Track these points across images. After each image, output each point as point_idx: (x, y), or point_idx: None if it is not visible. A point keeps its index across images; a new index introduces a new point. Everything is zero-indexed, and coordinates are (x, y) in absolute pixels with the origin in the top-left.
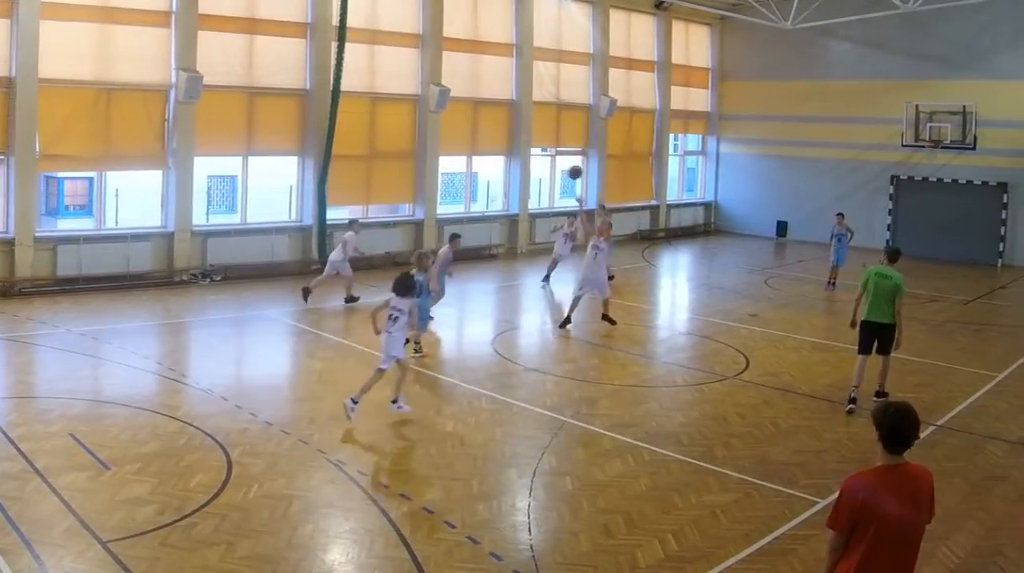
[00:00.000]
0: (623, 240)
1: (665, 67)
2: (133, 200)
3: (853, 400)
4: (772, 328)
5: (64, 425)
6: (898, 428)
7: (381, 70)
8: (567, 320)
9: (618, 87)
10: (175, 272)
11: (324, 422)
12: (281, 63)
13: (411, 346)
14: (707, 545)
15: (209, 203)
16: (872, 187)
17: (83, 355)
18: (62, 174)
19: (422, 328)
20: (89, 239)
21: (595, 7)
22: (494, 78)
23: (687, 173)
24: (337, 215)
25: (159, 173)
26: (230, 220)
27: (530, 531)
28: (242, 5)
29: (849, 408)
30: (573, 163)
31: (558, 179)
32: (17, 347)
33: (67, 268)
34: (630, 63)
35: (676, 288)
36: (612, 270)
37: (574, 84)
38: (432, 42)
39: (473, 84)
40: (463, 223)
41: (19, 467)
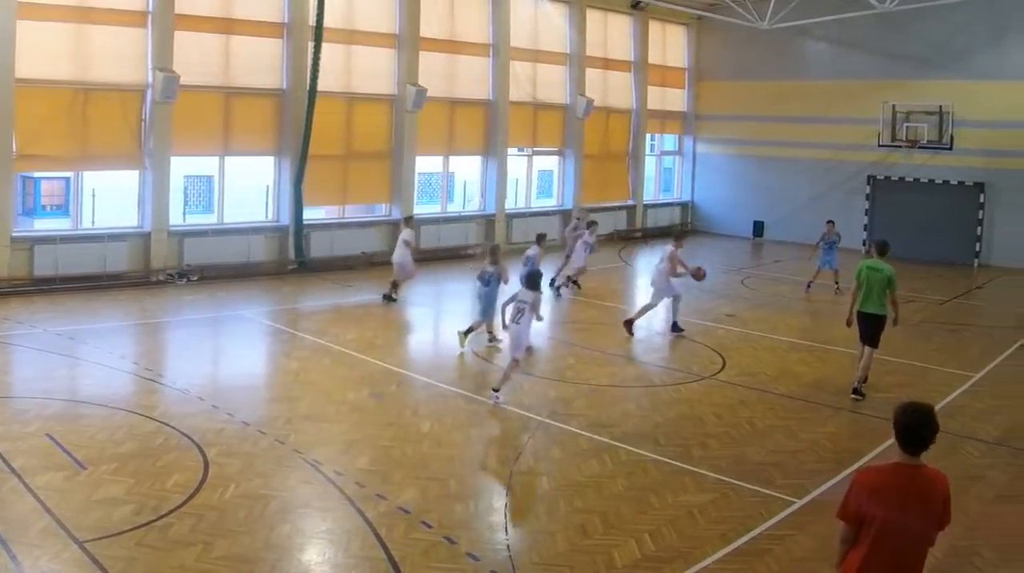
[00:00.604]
0: (600, 240)
1: (642, 67)
2: (110, 200)
3: (858, 392)
4: (749, 328)
5: (41, 425)
6: (912, 428)
7: (358, 70)
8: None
9: (595, 87)
10: (152, 272)
11: (300, 422)
12: (258, 63)
13: (469, 335)
14: (684, 545)
15: (186, 203)
16: (849, 187)
17: (60, 355)
18: (39, 174)
19: (484, 317)
20: (66, 239)
21: (572, 7)
22: (471, 78)
23: (664, 173)
24: (313, 215)
25: (136, 173)
26: (207, 220)
27: (507, 531)
28: (218, 5)
29: (854, 397)
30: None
31: (535, 179)
32: None
33: (44, 268)
34: (607, 63)
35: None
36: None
37: (551, 84)
38: (409, 42)
39: (450, 84)
40: (439, 223)
41: None
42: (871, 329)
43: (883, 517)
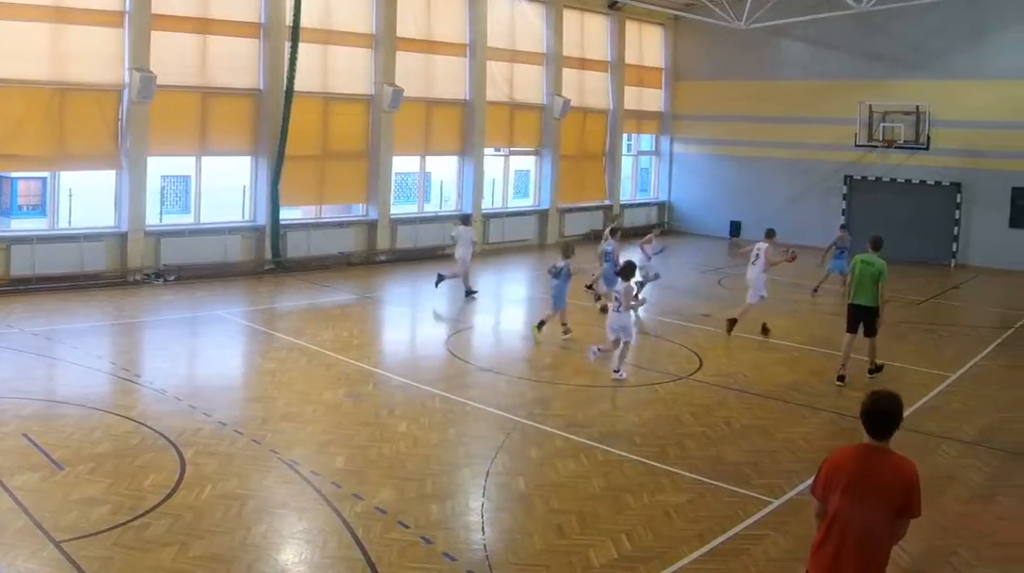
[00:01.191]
0: (576, 240)
1: (618, 67)
2: (87, 200)
3: (841, 378)
4: (725, 328)
5: (18, 425)
6: (869, 415)
7: (334, 70)
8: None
9: (571, 87)
10: (128, 272)
11: (277, 422)
12: (234, 63)
13: (542, 328)
14: (660, 545)
15: (162, 203)
16: (825, 187)
17: (37, 355)
18: (15, 174)
19: (556, 309)
20: (43, 239)
21: (548, 7)
22: (447, 78)
23: (640, 173)
24: (290, 215)
25: (112, 173)
26: (183, 220)
27: (483, 531)
28: (195, 5)
29: (838, 385)
30: None
31: (512, 179)
32: None
33: (20, 268)
34: (583, 63)
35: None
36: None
37: (527, 84)
38: (385, 42)
39: (426, 84)
40: (416, 223)
41: None
42: (865, 320)
43: (843, 490)
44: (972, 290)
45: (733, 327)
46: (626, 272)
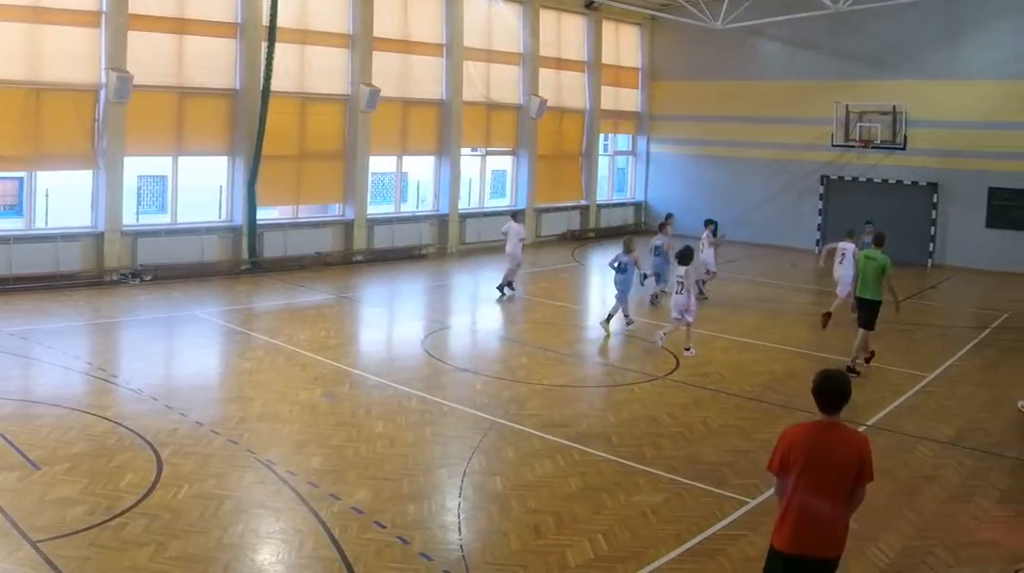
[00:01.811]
0: (552, 240)
1: (595, 67)
2: (63, 200)
3: (854, 369)
4: (702, 328)
5: None
6: (818, 392)
7: (311, 70)
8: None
9: (548, 87)
10: (105, 272)
11: (254, 422)
12: (211, 63)
13: (611, 321)
14: (637, 545)
15: (139, 203)
16: (802, 187)
17: (13, 355)
18: None
19: (621, 301)
20: (19, 239)
21: (525, 7)
22: (424, 78)
23: (617, 173)
24: (267, 215)
25: (89, 173)
26: (160, 220)
27: (460, 531)
28: (172, 5)
29: (852, 375)
30: None
31: (488, 179)
32: None
33: None
34: (560, 63)
35: (606, 288)
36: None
37: (504, 84)
38: (362, 42)
39: (403, 84)
40: (393, 223)
41: None
42: (865, 312)
43: (802, 462)
44: (949, 290)
45: (828, 322)
46: (685, 256)
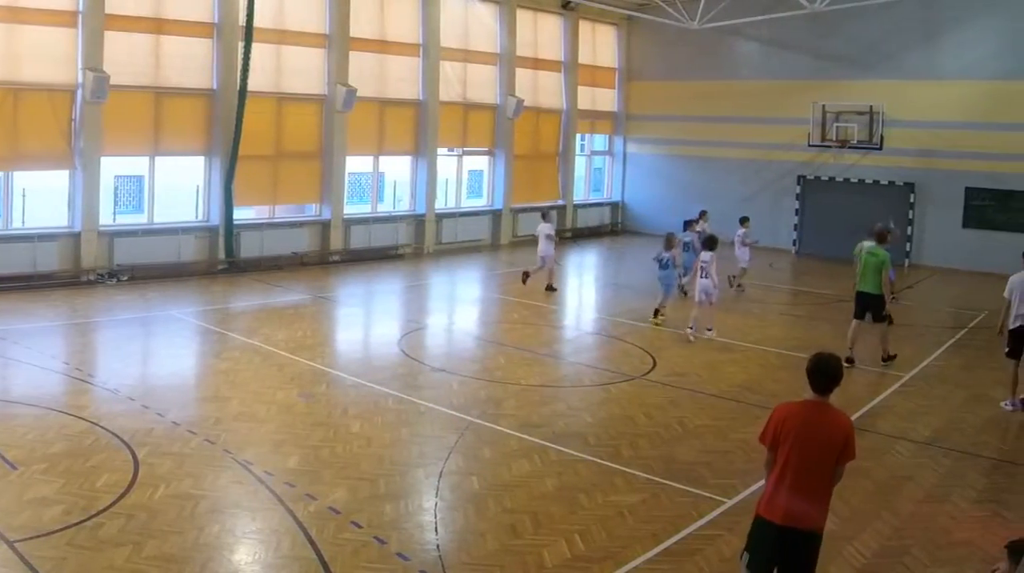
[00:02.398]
0: (529, 240)
1: (572, 67)
2: (40, 200)
3: (850, 360)
4: (679, 328)
5: None
6: (810, 373)
7: (288, 70)
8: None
9: (525, 87)
10: (82, 272)
11: (230, 422)
12: (188, 63)
13: (659, 315)
14: (614, 545)
15: (116, 203)
16: (779, 187)
17: None
18: None
19: (667, 295)
20: None
21: (502, 7)
22: (401, 78)
23: (594, 173)
24: (244, 215)
25: (66, 173)
26: (137, 220)
27: (437, 531)
28: (149, 5)
29: (845, 365)
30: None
31: (465, 179)
32: None
33: None
34: (537, 63)
35: (583, 288)
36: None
37: (481, 84)
38: (339, 42)
39: (380, 84)
40: (369, 223)
41: None
42: (872, 307)
43: (792, 438)
44: (926, 290)
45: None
46: (711, 243)
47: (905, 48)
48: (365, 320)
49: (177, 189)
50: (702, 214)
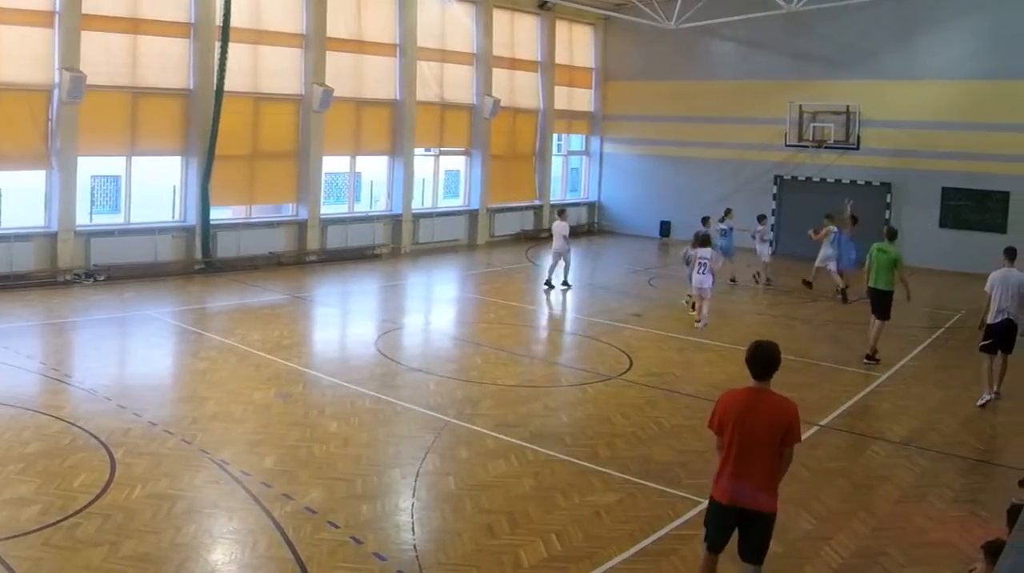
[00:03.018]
0: (505, 240)
1: (549, 67)
2: (16, 200)
3: (870, 356)
4: (656, 328)
5: None
6: (749, 360)
7: (264, 70)
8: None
9: (502, 87)
10: (59, 272)
11: (207, 422)
12: (165, 63)
13: (692, 307)
14: (590, 545)
15: (92, 203)
16: (755, 187)
17: None
18: None
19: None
20: None
21: (479, 7)
22: (378, 78)
23: (571, 173)
24: (220, 215)
25: (42, 173)
26: (113, 220)
27: (413, 531)
28: (125, 5)
29: (867, 362)
30: None
31: (442, 179)
32: None
33: None
34: (514, 63)
35: (560, 288)
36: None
37: (458, 84)
38: (316, 42)
39: (357, 84)
40: (346, 223)
41: None
42: (880, 303)
43: (733, 423)
44: (902, 291)
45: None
46: (704, 241)
47: (881, 48)
48: (342, 320)
49: (154, 189)
50: (727, 211)
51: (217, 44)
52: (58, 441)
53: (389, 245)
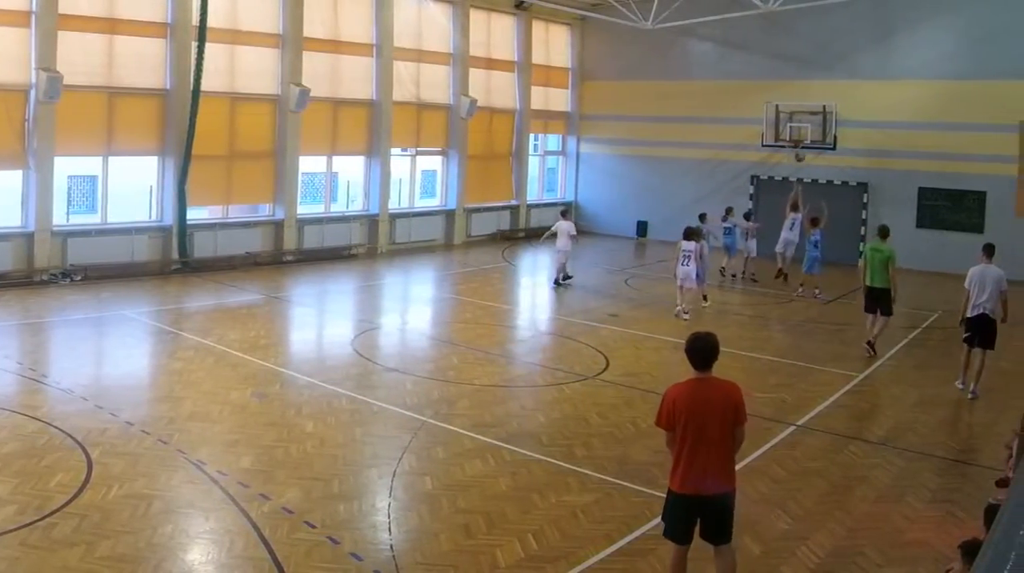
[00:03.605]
0: (482, 240)
1: (525, 67)
2: None
3: (870, 344)
4: (632, 328)
5: None
6: (688, 352)
7: (241, 70)
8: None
9: (478, 87)
10: (35, 272)
11: (184, 422)
12: (141, 63)
13: (706, 300)
14: (567, 545)
15: (69, 203)
16: (732, 187)
17: None
18: None
19: (701, 283)
20: None
21: (455, 7)
22: (354, 78)
23: (547, 173)
24: (197, 215)
25: (19, 173)
26: (90, 220)
27: (390, 531)
28: (102, 5)
29: (869, 353)
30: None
31: (418, 179)
32: None
33: None
34: (490, 63)
35: (536, 288)
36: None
37: (434, 84)
38: (292, 42)
39: (333, 84)
40: (323, 223)
41: None
42: (880, 301)
43: (686, 415)
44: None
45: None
46: (691, 234)
47: (858, 48)
48: (319, 320)
49: (130, 189)
50: (729, 210)
51: (194, 44)
52: (34, 441)
53: (366, 245)
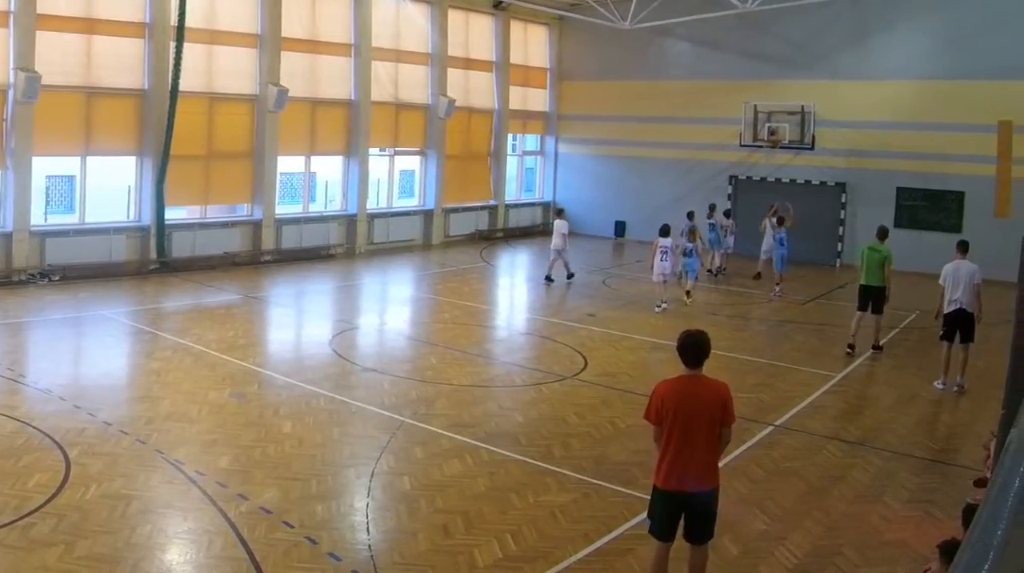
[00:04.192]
0: (461, 240)
1: (503, 67)
2: None
3: (851, 346)
4: (610, 328)
5: None
6: (680, 349)
7: (219, 70)
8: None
9: (456, 87)
10: (13, 272)
11: (162, 422)
12: (119, 63)
13: (689, 295)
14: (545, 545)
15: (47, 203)
16: (711, 187)
17: None
18: None
19: (692, 278)
20: None
21: (433, 7)
22: (333, 78)
23: (526, 173)
24: (175, 215)
25: None
26: (68, 220)
27: (368, 531)
28: (80, 5)
29: (847, 352)
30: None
31: (397, 179)
32: None
33: None
34: (468, 63)
35: (514, 288)
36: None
37: (412, 84)
38: (270, 42)
39: (312, 84)
40: (301, 223)
41: None
42: (874, 301)
43: (673, 411)
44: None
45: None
46: (667, 231)
47: (836, 48)
48: (297, 320)
49: (109, 189)
50: (712, 207)
51: (172, 44)
52: (12, 441)
53: (344, 245)
